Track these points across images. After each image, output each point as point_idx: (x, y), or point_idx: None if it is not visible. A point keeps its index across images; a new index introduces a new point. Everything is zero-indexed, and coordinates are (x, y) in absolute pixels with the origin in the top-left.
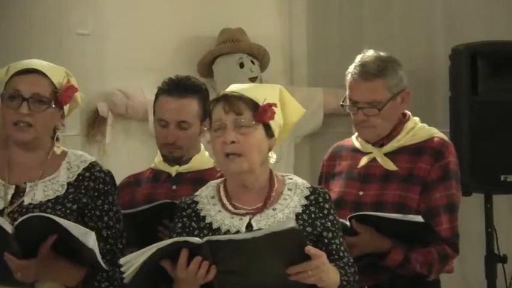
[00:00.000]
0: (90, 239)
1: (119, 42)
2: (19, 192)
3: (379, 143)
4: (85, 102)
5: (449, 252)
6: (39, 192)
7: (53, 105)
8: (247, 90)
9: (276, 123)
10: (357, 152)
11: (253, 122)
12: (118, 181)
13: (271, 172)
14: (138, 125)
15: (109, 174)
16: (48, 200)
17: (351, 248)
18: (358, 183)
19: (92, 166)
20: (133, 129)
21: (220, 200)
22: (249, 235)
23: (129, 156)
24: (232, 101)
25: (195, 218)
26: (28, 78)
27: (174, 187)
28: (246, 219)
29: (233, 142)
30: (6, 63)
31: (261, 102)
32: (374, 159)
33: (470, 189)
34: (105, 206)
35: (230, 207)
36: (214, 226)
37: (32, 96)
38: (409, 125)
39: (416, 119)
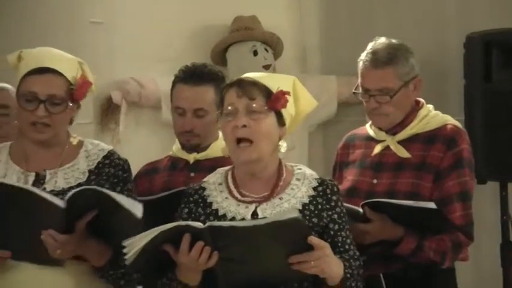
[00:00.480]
0: (138, 210)
1: (131, 31)
2: (39, 179)
3: (393, 131)
4: (97, 91)
5: (462, 240)
6: (60, 179)
7: (70, 104)
8: (261, 77)
9: (287, 113)
10: (371, 140)
11: (266, 108)
12: (132, 169)
13: (280, 161)
14: (151, 114)
15: (126, 162)
16: (71, 187)
17: (364, 235)
18: (372, 171)
19: (111, 154)
20: (146, 118)
21: (228, 187)
22: (251, 223)
23: (141, 144)
24: (246, 86)
25: (201, 204)
26: (43, 79)
27: (192, 174)
28: (252, 207)
29: (244, 126)
30: (22, 49)
31: (274, 90)
32: (388, 147)
33: (485, 177)
34: (124, 192)
35: (237, 195)
36: (220, 213)
37: (48, 99)
38: (422, 112)
39: (430, 106)
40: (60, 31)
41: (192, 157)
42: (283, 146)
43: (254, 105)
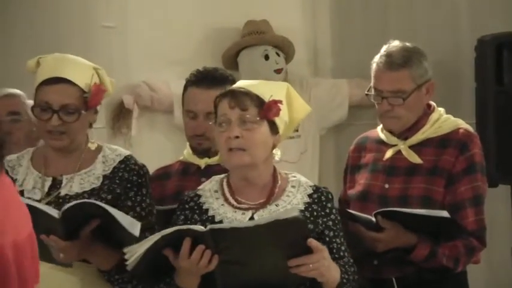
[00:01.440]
0: (136, 229)
1: (143, 35)
2: (56, 184)
3: (404, 135)
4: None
5: (475, 245)
6: (75, 184)
7: (83, 112)
8: (254, 86)
9: (281, 120)
10: (382, 144)
11: (258, 118)
12: None
13: (275, 169)
14: (163, 118)
15: (143, 167)
16: (84, 192)
17: (377, 244)
18: (384, 175)
19: (127, 159)
20: (158, 122)
21: (224, 194)
22: (252, 223)
23: (153, 148)
24: (238, 97)
25: (197, 211)
26: (56, 89)
27: (203, 179)
28: (249, 213)
29: (237, 137)
30: (33, 55)
31: (267, 98)
32: (399, 152)
33: (496, 180)
34: (138, 197)
35: (233, 202)
36: (217, 219)
37: (62, 108)
38: (434, 116)
39: (441, 110)
40: (73, 35)
41: (203, 162)
42: (278, 154)
43: (247, 115)
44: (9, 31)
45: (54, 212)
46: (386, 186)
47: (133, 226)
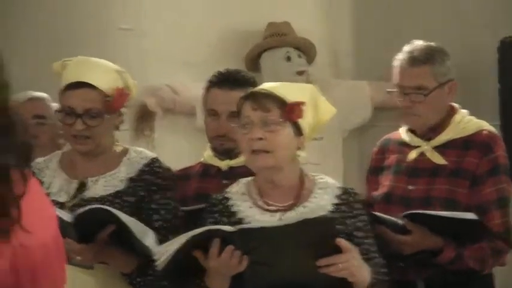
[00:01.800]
0: (148, 237)
1: (162, 37)
2: (81, 187)
3: (427, 136)
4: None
5: (502, 247)
6: (100, 187)
7: (107, 115)
8: (276, 88)
9: (305, 122)
10: (405, 146)
11: (281, 120)
12: None
13: (301, 171)
14: (185, 120)
15: (169, 170)
16: (109, 194)
17: (403, 246)
18: (407, 177)
19: (152, 162)
20: (181, 124)
21: (251, 196)
22: (281, 223)
23: (175, 151)
24: (260, 99)
25: (226, 214)
26: (78, 94)
27: (224, 182)
28: (277, 215)
29: (260, 139)
30: (53, 57)
31: (289, 100)
32: (422, 153)
33: None
34: (163, 200)
35: (261, 204)
36: (245, 221)
37: (85, 113)
38: (457, 118)
39: (465, 111)
40: (91, 38)
41: (224, 164)
42: (302, 155)
43: (269, 117)
44: (26, 34)
45: (67, 216)
46: (410, 187)
47: (145, 235)
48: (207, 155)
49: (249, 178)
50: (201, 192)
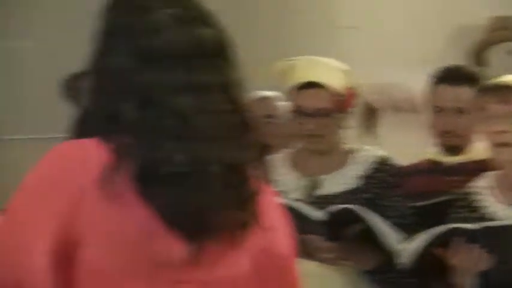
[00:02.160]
0: (391, 236)
1: (389, 34)
2: (314, 184)
3: None
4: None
5: None
6: (333, 184)
7: (337, 115)
8: None
9: None
10: None
11: None
12: None
13: None
14: (409, 117)
15: (395, 167)
16: (343, 192)
17: None
18: None
19: (382, 160)
20: (406, 121)
21: (496, 191)
22: None
23: (401, 148)
24: (504, 92)
25: (469, 209)
26: (310, 93)
27: (452, 178)
28: None
29: (504, 132)
30: (279, 54)
31: None
32: None
33: None
34: (395, 197)
35: (506, 199)
36: (487, 217)
37: (315, 112)
38: None
39: None
40: (316, 37)
41: (452, 160)
42: None
43: None
44: (251, 32)
45: (317, 214)
46: None
47: (390, 236)
48: (433, 151)
49: (496, 172)
50: (428, 189)
